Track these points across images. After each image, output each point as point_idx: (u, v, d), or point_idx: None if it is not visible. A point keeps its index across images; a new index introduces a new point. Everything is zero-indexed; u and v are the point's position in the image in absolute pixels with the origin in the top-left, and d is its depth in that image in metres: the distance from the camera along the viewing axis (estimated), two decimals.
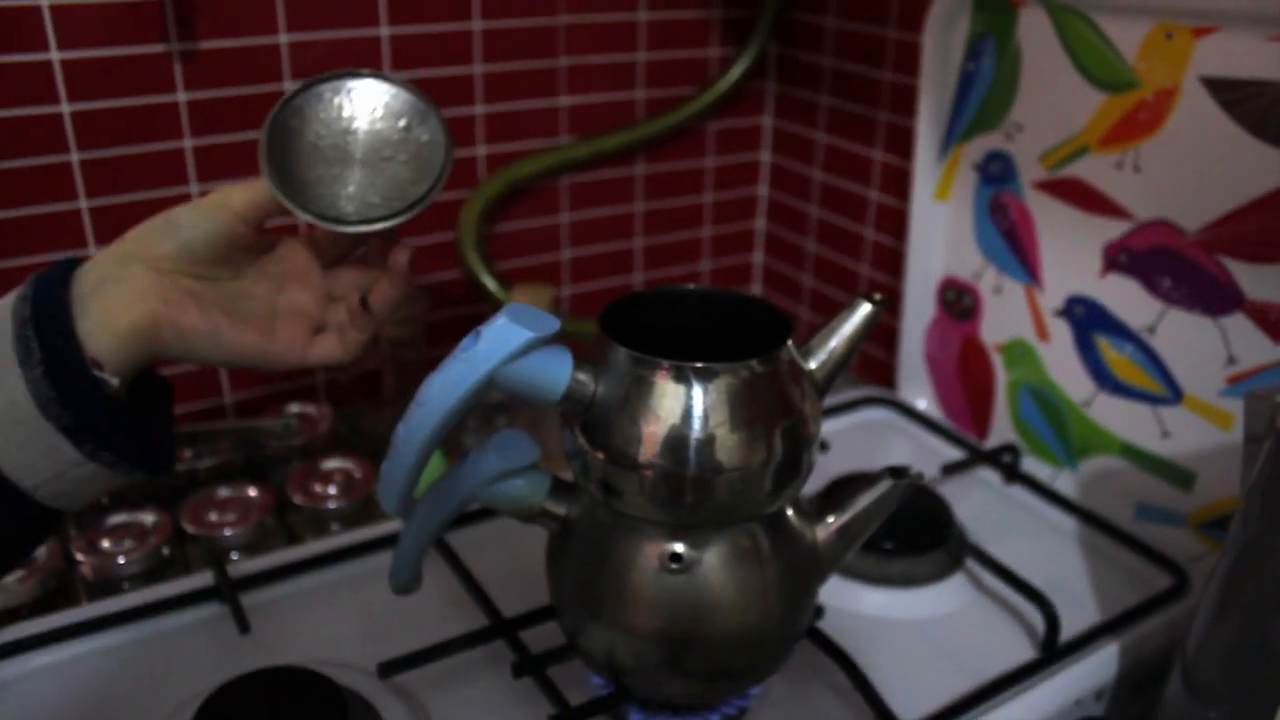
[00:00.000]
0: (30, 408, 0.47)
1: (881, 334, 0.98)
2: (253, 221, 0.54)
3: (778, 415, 0.49)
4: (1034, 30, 0.77)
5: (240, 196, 0.53)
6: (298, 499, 0.77)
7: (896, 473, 0.54)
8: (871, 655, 0.63)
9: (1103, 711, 0.64)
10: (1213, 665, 0.55)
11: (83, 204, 0.78)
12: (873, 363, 1.02)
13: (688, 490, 0.48)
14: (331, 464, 0.80)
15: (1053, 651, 0.63)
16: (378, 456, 0.79)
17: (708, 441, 0.48)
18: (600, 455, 0.49)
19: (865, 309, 0.54)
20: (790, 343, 0.50)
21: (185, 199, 0.79)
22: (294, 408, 0.88)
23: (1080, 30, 0.74)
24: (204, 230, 0.52)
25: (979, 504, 0.80)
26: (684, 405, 0.47)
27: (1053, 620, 0.64)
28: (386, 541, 0.71)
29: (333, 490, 0.78)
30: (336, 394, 0.93)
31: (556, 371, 0.48)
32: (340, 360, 0.58)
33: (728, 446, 0.48)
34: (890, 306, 0.95)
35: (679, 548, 0.50)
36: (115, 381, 0.49)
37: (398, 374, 0.89)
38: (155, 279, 0.51)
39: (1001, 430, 0.88)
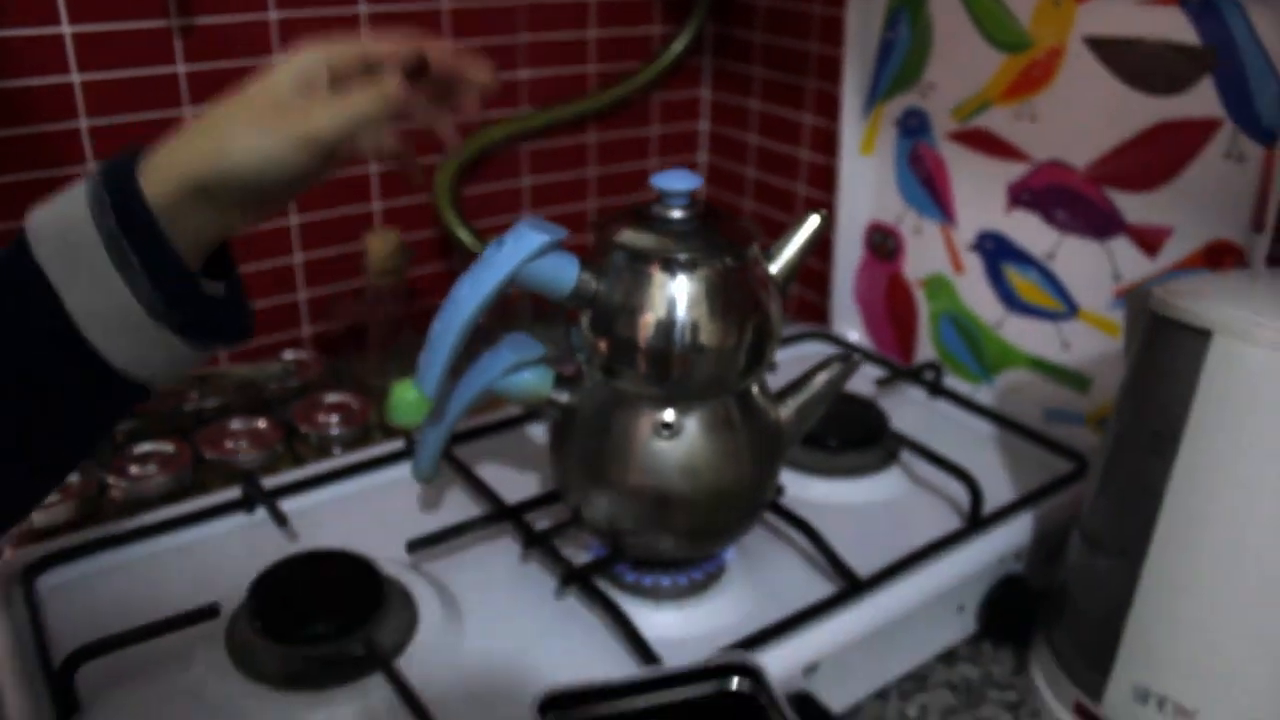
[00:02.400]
0: (140, 314, 0.50)
1: (815, 279, 1.10)
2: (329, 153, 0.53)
3: (748, 304, 0.59)
4: (943, 1, 0.89)
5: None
6: (304, 428, 0.85)
7: (841, 359, 0.65)
8: (824, 530, 0.73)
9: (1022, 569, 0.76)
10: (1100, 523, 0.67)
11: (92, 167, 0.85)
12: (808, 305, 1.13)
13: (675, 366, 0.58)
14: (331, 398, 0.88)
15: (977, 520, 0.75)
16: (369, 394, 0.88)
17: (692, 325, 0.58)
18: (603, 342, 0.59)
19: (814, 220, 0.64)
20: (756, 245, 0.61)
21: None
22: (288, 354, 0.95)
23: (983, 0, 0.86)
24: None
25: (908, 416, 0.91)
26: (672, 295, 0.57)
27: (976, 492, 0.75)
28: (393, 458, 0.80)
29: (335, 419, 0.86)
30: (324, 344, 1.01)
31: (567, 271, 0.58)
32: (379, 110, 0.54)
33: (708, 329, 0.58)
34: (822, 252, 1.06)
35: (668, 416, 0.60)
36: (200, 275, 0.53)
37: (381, 324, 0.97)
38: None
39: (925, 355, 1.00)
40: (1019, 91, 0.85)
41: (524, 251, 0.56)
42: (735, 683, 0.42)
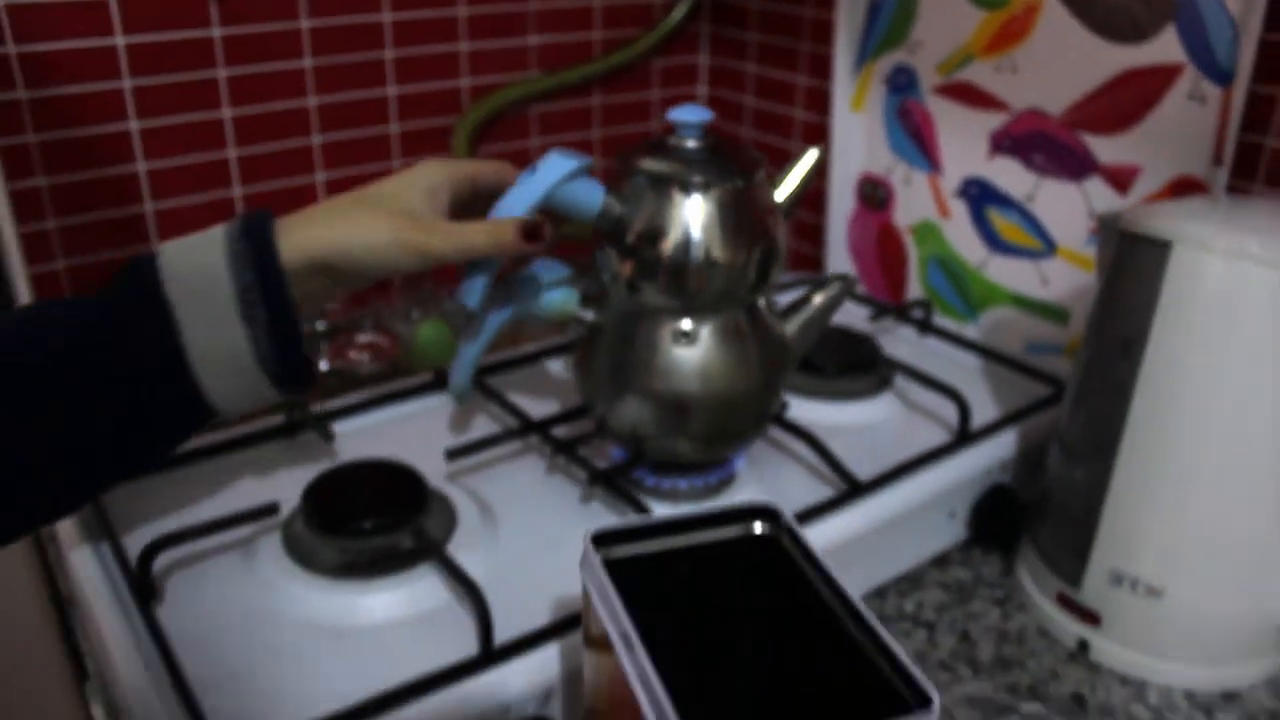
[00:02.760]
0: (250, 361, 0.55)
1: (809, 231, 1.16)
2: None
3: (757, 223, 0.66)
4: None
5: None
6: (337, 363, 0.91)
7: (839, 279, 0.71)
8: (825, 443, 0.80)
9: (1009, 480, 0.82)
10: (1076, 430, 0.73)
11: (133, 125, 0.91)
12: (803, 257, 1.19)
13: (691, 279, 0.65)
14: (362, 338, 0.94)
15: (965, 434, 0.81)
16: (394, 333, 0.94)
17: (706, 241, 0.64)
18: (628, 260, 0.65)
19: (813, 154, 0.71)
20: (763, 170, 0.67)
21: (219, 124, 0.93)
22: None
23: None
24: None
25: (900, 351, 0.97)
26: (688, 214, 0.64)
27: (964, 408, 0.81)
28: (425, 388, 0.86)
29: (366, 358, 0.92)
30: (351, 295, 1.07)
31: (594, 194, 0.64)
32: (491, 251, 0.61)
33: (721, 245, 0.64)
34: (816, 204, 1.12)
35: (686, 325, 0.67)
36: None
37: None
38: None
39: (915, 298, 1.06)
40: (999, 45, 0.91)
41: (556, 175, 0.62)
42: (758, 526, 0.48)
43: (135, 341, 0.54)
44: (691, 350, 0.67)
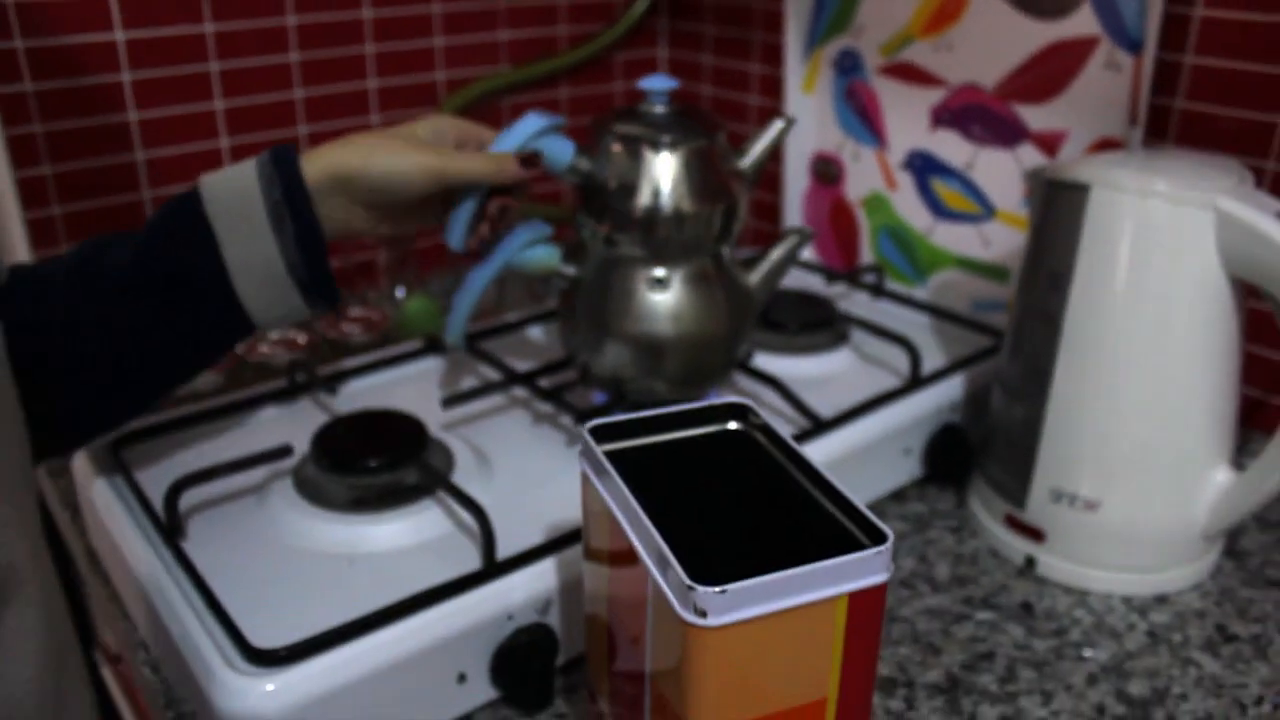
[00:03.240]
0: (281, 270, 0.65)
1: (767, 209, 1.23)
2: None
3: (719, 178, 0.73)
4: None
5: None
6: (331, 334, 0.97)
7: (795, 232, 0.78)
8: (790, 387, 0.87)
9: (959, 419, 0.90)
10: (1012, 372, 0.81)
11: (132, 116, 0.97)
12: (762, 234, 1.27)
13: (661, 229, 0.72)
14: (354, 313, 1.00)
15: (917, 379, 0.88)
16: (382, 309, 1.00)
17: (675, 193, 0.71)
18: (606, 217, 0.72)
19: (779, 124, 0.78)
20: (722, 136, 0.74)
21: (210, 114, 0.98)
22: None
23: None
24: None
25: (855, 312, 1.05)
26: (658, 170, 0.71)
27: (915, 355, 0.89)
28: (416, 354, 0.92)
29: (358, 330, 0.98)
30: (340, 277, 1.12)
31: (566, 149, 0.72)
32: (491, 175, 0.70)
33: (687, 198, 0.71)
34: (772, 184, 1.20)
35: (659, 272, 0.74)
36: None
37: (388, 257, 1.09)
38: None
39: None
40: (936, 26, 0.99)
41: (532, 128, 0.69)
42: (732, 424, 0.55)
43: (185, 261, 0.64)
44: (665, 295, 0.73)
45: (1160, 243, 0.71)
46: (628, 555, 0.47)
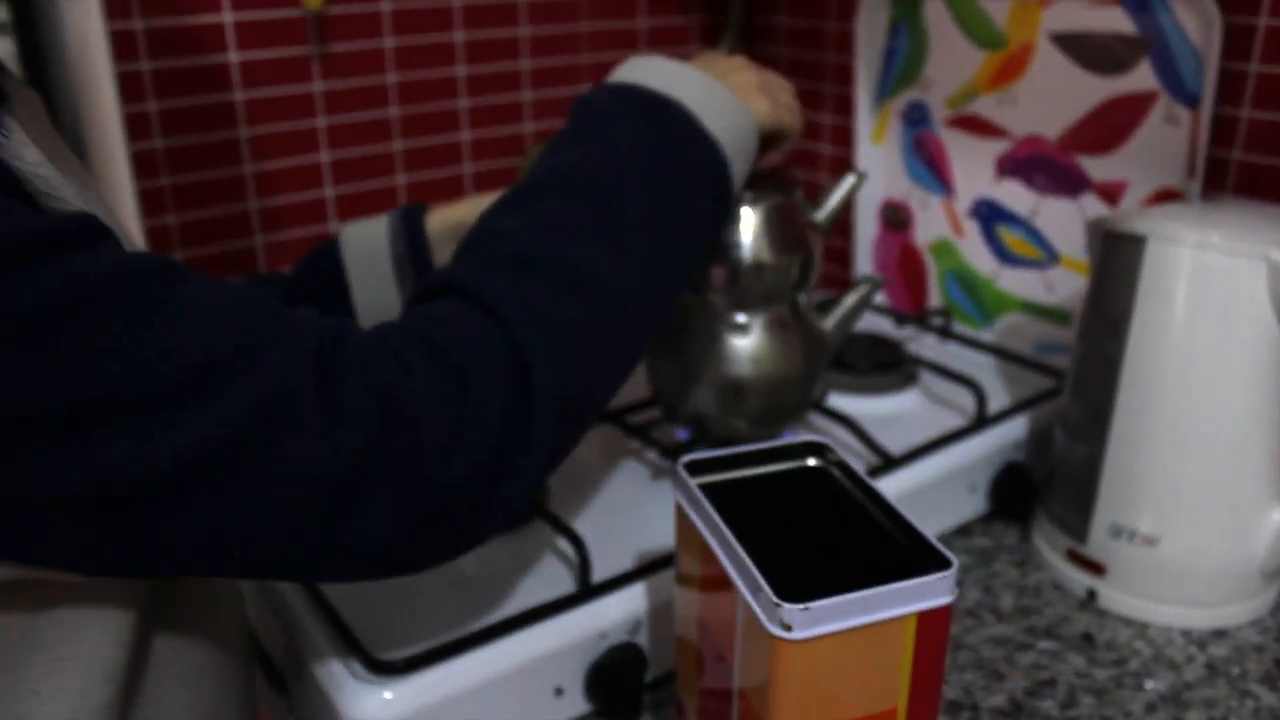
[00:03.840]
0: (399, 311, 0.73)
1: (838, 254, 1.29)
2: None
3: (796, 231, 0.79)
4: (935, 12, 1.09)
5: None
6: None
7: (867, 280, 0.84)
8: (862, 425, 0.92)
9: (1023, 458, 0.94)
10: (1073, 411, 0.85)
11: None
12: (834, 278, 1.32)
13: (743, 278, 0.77)
14: None
15: (983, 418, 0.93)
16: None
17: (756, 246, 0.77)
18: None
19: (851, 178, 0.83)
20: (799, 192, 0.80)
21: (316, 166, 1.07)
22: None
23: (966, 8, 1.05)
24: None
25: (924, 354, 1.10)
26: (742, 224, 0.77)
27: (981, 396, 0.93)
28: None
29: None
30: None
31: None
32: None
33: (767, 249, 0.77)
34: (844, 230, 1.25)
35: (741, 318, 0.79)
36: None
37: None
38: None
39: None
40: (1000, 81, 1.04)
41: None
42: (810, 461, 0.60)
43: (321, 301, 0.73)
44: (745, 340, 0.79)
45: (1215, 292, 0.75)
46: (719, 580, 0.53)
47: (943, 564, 0.49)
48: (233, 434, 0.42)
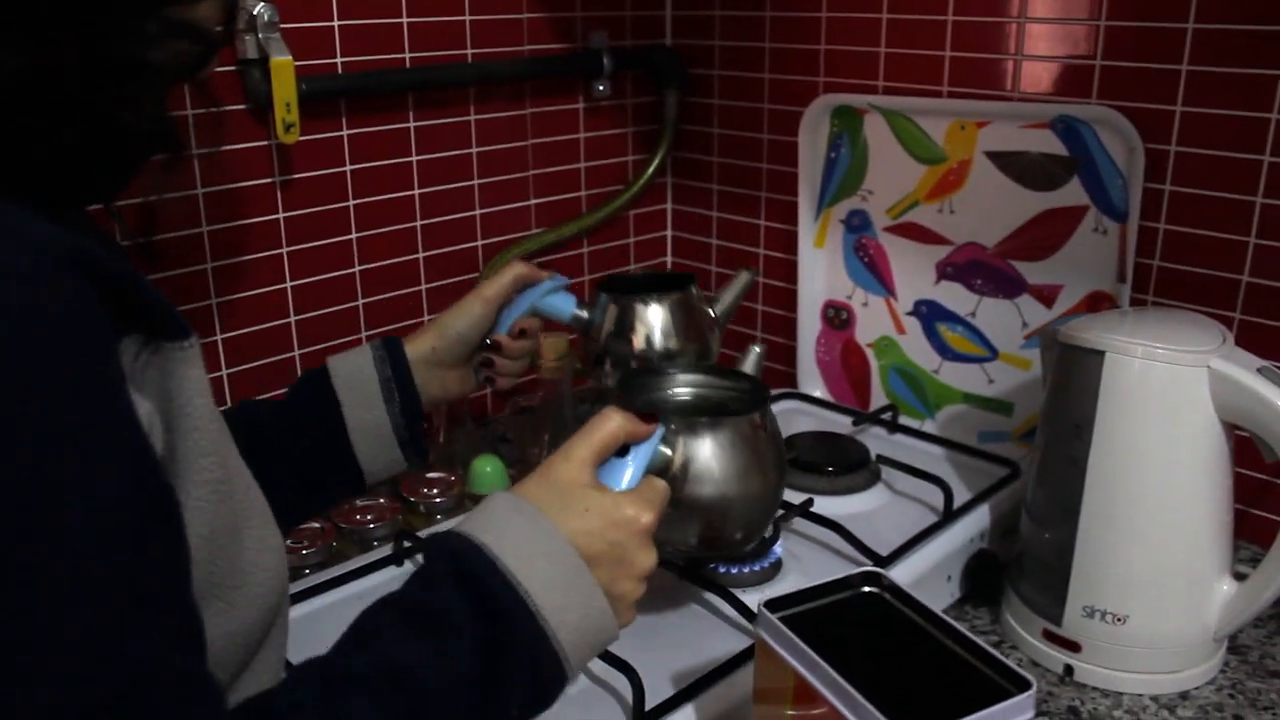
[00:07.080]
0: (388, 431, 0.82)
1: (784, 351, 1.35)
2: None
3: (695, 326, 0.92)
4: (875, 128, 1.17)
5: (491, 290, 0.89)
6: (413, 499, 1.05)
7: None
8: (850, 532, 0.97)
9: (987, 545, 1.01)
10: (1040, 504, 0.92)
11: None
12: (779, 374, 1.38)
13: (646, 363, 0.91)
14: (432, 475, 1.09)
15: (950, 513, 1.00)
16: (456, 467, 1.09)
17: (664, 338, 0.91)
18: (605, 356, 0.92)
19: (745, 276, 0.93)
20: (694, 287, 0.95)
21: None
22: None
23: (906, 126, 1.14)
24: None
25: (875, 448, 1.16)
26: (646, 318, 0.91)
27: (948, 492, 1.00)
28: None
29: (435, 491, 1.07)
30: None
31: (566, 303, 0.93)
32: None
33: (670, 339, 0.91)
34: (788, 330, 1.32)
35: None
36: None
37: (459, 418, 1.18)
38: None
39: (878, 401, 1.26)
40: (940, 192, 1.13)
41: (541, 290, 0.91)
42: (865, 589, 0.65)
43: (313, 422, 0.81)
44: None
45: (1164, 397, 0.83)
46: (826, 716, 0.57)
47: (1022, 685, 0.55)
48: None
